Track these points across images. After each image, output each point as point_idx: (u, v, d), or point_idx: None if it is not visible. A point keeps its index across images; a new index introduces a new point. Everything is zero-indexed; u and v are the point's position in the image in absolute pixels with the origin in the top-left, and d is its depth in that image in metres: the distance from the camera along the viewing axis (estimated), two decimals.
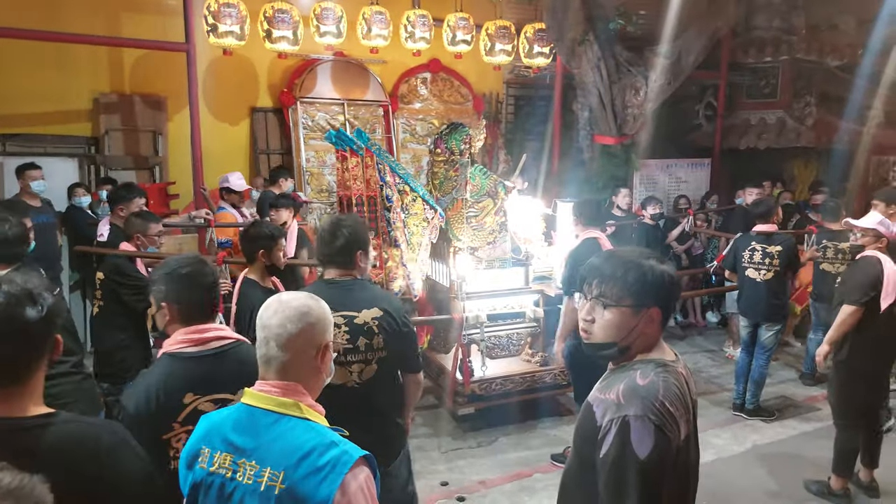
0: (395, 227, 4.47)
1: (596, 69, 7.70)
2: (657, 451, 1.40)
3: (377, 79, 8.17)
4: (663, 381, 1.48)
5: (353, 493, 1.33)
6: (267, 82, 7.83)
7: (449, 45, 7.55)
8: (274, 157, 7.90)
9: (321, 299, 1.56)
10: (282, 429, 1.39)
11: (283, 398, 1.43)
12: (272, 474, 1.34)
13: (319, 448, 1.35)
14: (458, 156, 4.59)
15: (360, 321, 2.37)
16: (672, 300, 1.62)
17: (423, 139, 8.41)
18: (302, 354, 1.47)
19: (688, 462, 1.53)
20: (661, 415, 1.42)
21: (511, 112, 9.28)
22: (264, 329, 1.46)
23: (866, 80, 8.79)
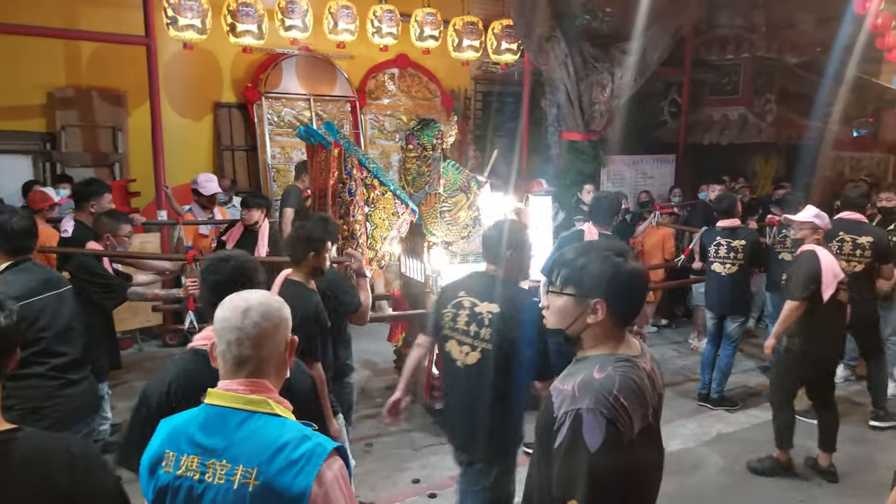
0: (354, 221, 4.43)
1: (563, 66, 7.74)
2: (608, 445, 1.42)
3: (344, 74, 8.08)
4: (620, 375, 1.50)
5: (329, 483, 1.34)
6: (231, 77, 7.67)
7: (417, 41, 7.51)
8: (238, 153, 7.75)
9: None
10: (253, 426, 1.39)
11: (252, 395, 1.42)
12: (245, 472, 1.34)
13: (293, 442, 1.36)
14: (431, 151, 4.55)
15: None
16: (623, 296, 1.58)
17: (392, 135, 8.35)
18: (275, 351, 1.47)
19: (646, 455, 1.54)
20: (614, 409, 1.44)
21: (479, 108, 9.28)
22: (236, 331, 1.43)
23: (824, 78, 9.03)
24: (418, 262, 4.81)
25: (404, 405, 2.76)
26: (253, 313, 1.44)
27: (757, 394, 5.53)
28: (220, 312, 1.47)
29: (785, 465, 4.14)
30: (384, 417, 2.80)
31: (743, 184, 8.52)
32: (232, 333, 1.43)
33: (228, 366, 1.45)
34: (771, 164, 9.82)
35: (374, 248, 4.52)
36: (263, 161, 7.50)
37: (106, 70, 6.95)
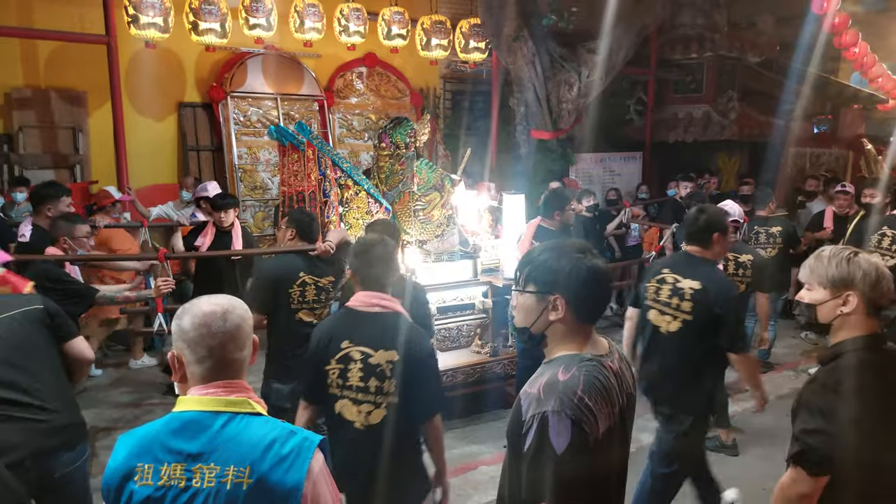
0: (329, 221, 4.39)
1: (531, 65, 7.79)
2: (573, 446, 1.42)
3: (311, 73, 7.99)
4: (585, 375, 1.49)
5: (316, 475, 1.39)
6: (195, 76, 7.51)
7: (384, 40, 7.47)
8: (204, 153, 7.60)
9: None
10: (238, 426, 1.39)
11: (232, 397, 1.42)
12: (237, 471, 1.34)
13: (281, 438, 1.38)
14: (404, 149, 4.52)
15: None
16: (582, 292, 1.56)
17: (361, 134, 8.29)
18: (250, 350, 1.50)
19: (611, 454, 1.54)
20: (579, 409, 1.44)
21: (449, 107, 9.28)
22: (219, 335, 1.41)
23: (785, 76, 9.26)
24: None
25: None
26: (232, 317, 1.44)
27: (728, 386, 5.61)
28: (189, 321, 1.42)
29: (729, 442, 4.33)
30: None
31: (707, 180, 8.68)
32: (214, 339, 1.41)
33: (205, 373, 1.42)
34: (734, 160, 10.03)
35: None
36: (230, 161, 7.36)
37: (65, 70, 6.74)
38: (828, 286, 1.85)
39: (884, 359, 1.82)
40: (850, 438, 1.70)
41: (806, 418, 1.77)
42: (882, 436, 1.72)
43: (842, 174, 10.84)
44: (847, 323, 1.83)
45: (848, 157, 11.86)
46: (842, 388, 1.75)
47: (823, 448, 1.72)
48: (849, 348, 1.81)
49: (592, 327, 1.63)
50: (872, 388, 1.74)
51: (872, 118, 12.88)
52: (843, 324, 1.84)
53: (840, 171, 11.13)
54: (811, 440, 1.75)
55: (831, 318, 1.86)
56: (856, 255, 1.83)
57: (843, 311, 1.82)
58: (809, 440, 1.75)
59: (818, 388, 1.81)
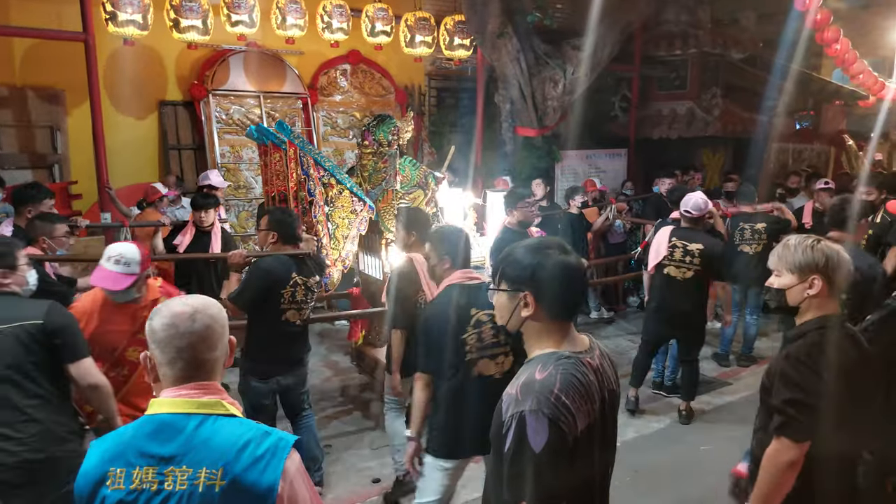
0: (317, 221, 4.35)
1: (516, 62, 7.77)
2: (551, 445, 1.43)
3: (294, 70, 7.92)
4: (562, 373, 1.50)
5: (293, 475, 1.38)
6: (175, 74, 7.41)
7: (368, 37, 7.41)
8: (185, 152, 7.51)
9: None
10: (211, 428, 1.38)
11: (205, 399, 1.41)
12: (209, 473, 1.34)
13: (256, 439, 1.38)
14: (387, 147, 4.49)
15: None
16: (551, 288, 1.56)
17: (345, 132, 8.24)
18: (223, 353, 1.48)
19: (592, 451, 1.54)
20: (556, 408, 1.45)
21: (434, 104, 9.24)
22: (187, 336, 1.40)
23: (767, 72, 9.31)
24: (376, 259, 4.75)
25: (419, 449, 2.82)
26: (201, 316, 1.43)
27: (710, 381, 5.65)
28: (159, 321, 1.42)
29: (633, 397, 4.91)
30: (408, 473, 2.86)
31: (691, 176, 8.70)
32: (182, 339, 1.40)
33: (177, 374, 1.42)
34: (718, 157, 10.08)
35: (337, 248, 4.44)
36: (212, 160, 7.27)
37: (42, 68, 6.62)
38: (795, 272, 2.01)
39: (843, 335, 1.97)
40: (823, 406, 1.87)
41: (784, 391, 1.94)
42: (846, 402, 1.90)
43: (824, 170, 10.94)
44: (813, 304, 1.99)
45: (830, 152, 11.97)
46: (812, 361, 1.93)
47: (803, 416, 1.89)
48: (814, 326, 1.98)
49: (569, 324, 1.63)
50: (837, 360, 1.91)
51: (854, 114, 13.02)
52: (809, 305, 2.00)
53: (822, 166, 11.24)
54: (792, 410, 1.91)
55: (799, 300, 2.02)
56: (819, 243, 2.00)
57: (809, 293, 1.98)
58: (791, 410, 1.91)
59: (792, 362, 1.97)
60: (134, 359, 2.89)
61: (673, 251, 4.59)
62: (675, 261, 4.61)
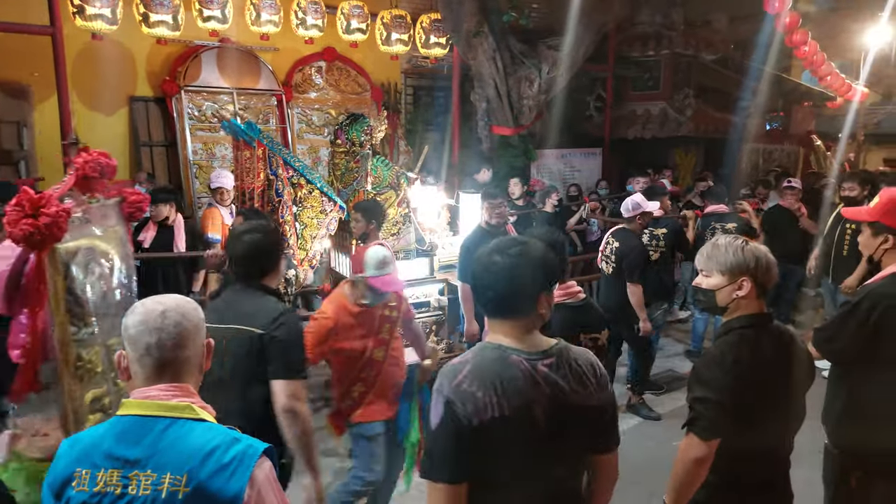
0: (284, 222, 4.33)
1: (492, 61, 7.79)
2: (443, 426, 1.49)
3: (269, 67, 7.83)
4: (477, 360, 1.53)
5: (261, 484, 1.35)
6: (146, 70, 7.29)
7: (344, 34, 7.37)
8: (157, 149, 7.39)
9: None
10: (178, 432, 1.36)
11: (174, 401, 1.39)
12: (173, 479, 1.31)
13: (223, 445, 1.35)
14: (360, 147, 4.47)
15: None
16: (479, 287, 1.60)
17: (320, 129, 8.17)
18: (195, 354, 1.46)
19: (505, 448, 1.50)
20: (455, 391, 1.49)
21: (410, 102, 9.21)
22: (155, 332, 1.39)
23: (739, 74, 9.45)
24: (347, 258, 4.73)
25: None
26: (172, 314, 1.41)
27: (682, 378, 5.73)
28: (131, 318, 1.42)
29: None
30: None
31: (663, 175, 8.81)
32: (151, 336, 1.39)
33: (147, 372, 1.40)
34: (690, 156, 10.23)
35: (304, 248, 4.41)
36: (184, 157, 7.17)
37: (7, 62, 6.44)
38: (726, 272, 1.99)
39: (766, 334, 1.98)
40: (732, 405, 1.89)
41: (695, 388, 1.98)
42: (758, 401, 1.92)
43: (793, 170, 11.16)
44: (740, 305, 1.99)
45: (799, 153, 12.21)
46: (725, 360, 1.94)
47: (710, 414, 1.91)
48: (735, 326, 2.00)
49: (513, 321, 1.58)
50: (751, 359, 1.93)
51: (822, 115, 13.30)
52: (737, 306, 2.00)
53: (791, 166, 11.46)
54: (699, 407, 1.95)
55: (728, 301, 2.01)
56: (748, 244, 2.00)
57: (738, 294, 1.98)
58: (698, 407, 1.95)
59: (706, 361, 2.02)
60: (378, 358, 3.13)
61: (606, 247, 4.83)
62: (605, 256, 4.83)
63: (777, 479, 2.05)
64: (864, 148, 15.54)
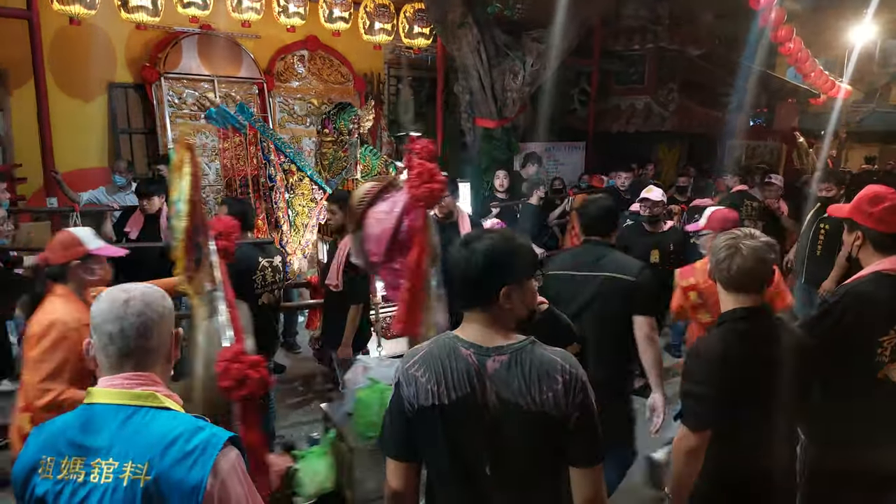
0: (277, 208, 4.31)
1: (476, 52, 7.75)
2: (392, 406, 1.62)
3: (250, 55, 7.76)
4: (430, 348, 1.60)
5: (226, 472, 1.34)
6: (126, 56, 7.19)
7: (326, 22, 7.31)
8: (136, 136, 7.31)
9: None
10: (141, 421, 1.36)
11: (138, 390, 1.39)
12: (135, 468, 1.31)
13: (186, 434, 1.34)
14: (347, 136, 4.45)
15: None
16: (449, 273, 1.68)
17: (303, 119, 8.12)
18: (161, 344, 1.45)
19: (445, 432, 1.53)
20: (404, 375, 1.59)
21: (393, 93, 9.16)
22: (118, 321, 1.39)
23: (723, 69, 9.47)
24: None
25: None
26: (135, 303, 1.41)
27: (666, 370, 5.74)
28: (97, 306, 1.42)
29: None
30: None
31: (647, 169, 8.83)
32: (114, 324, 1.39)
33: (111, 361, 1.40)
34: (673, 151, 10.25)
35: (297, 236, 4.40)
36: (164, 145, 7.09)
37: None
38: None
39: (759, 327, 2.03)
40: (720, 397, 1.95)
41: (685, 381, 2.05)
42: (748, 393, 1.96)
43: (776, 166, 11.22)
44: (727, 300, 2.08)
45: (782, 149, 12.28)
46: (713, 353, 1.99)
47: (698, 407, 1.98)
48: (727, 318, 2.05)
49: (474, 314, 1.57)
50: (741, 352, 1.97)
51: (806, 112, 13.38)
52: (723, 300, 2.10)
53: (774, 162, 11.52)
54: (688, 400, 2.02)
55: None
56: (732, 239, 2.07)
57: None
58: (687, 401, 2.02)
59: (692, 354, 2.08)
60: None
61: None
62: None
63: (774, 470, 2.05)
64: (847, 146, 15.67)
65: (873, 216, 2.27)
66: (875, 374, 2.23)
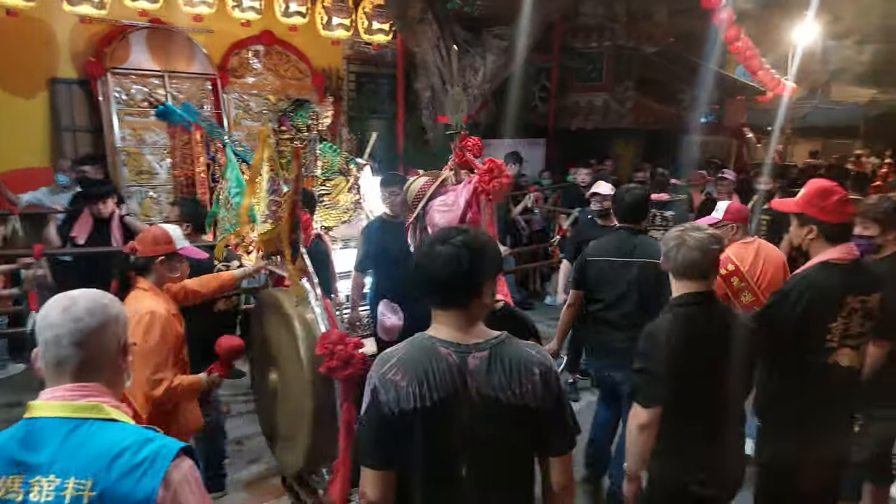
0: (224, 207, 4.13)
1: (436, 49, 7.67)
2: (368, 411, 1.55)
3: (203, 50, 7.45)
4: (407, 349, 1.56)
5: (178, 483, 1.29)
6: (69, 50, 6.79)
7: (282, 17, 7.10)
8: (81, 134, 6.92)
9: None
10: (85, 434, 1.30)
11: (82, 402, 1.33)
12: (78, 484, 1.25)
13: (134, 446, 1.29)
14: (306, 132, 4.29)
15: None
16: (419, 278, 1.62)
17: (259, 116, 7.86)
18: (103, 353, 1.37)
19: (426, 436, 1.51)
20: (381, 379, 1.53)
21: (353, 89, 8.98)
22: (53, 327, 1.33)
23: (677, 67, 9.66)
24: None
25: None
26: (75, 309, 1.35)
27: None
28: (41, 312, 1.38)
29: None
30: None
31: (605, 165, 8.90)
32: (50, 331, 1.34)
33: (50, 370, 1.35)
34: (631, 147, 10.41)
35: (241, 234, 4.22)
36: (111, 143, 6.74)
37: None
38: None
39: (707, 311, 2.18)
40: (669, 375, 2.09)
41: (637, 360, 2.20)
42: (695, 372, 2.11)
43: (727, 161, 11.54)
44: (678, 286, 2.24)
45: (732, 145, 12.65)
46: (662, 334, 2.15)
47: (647, 384, 2.14)
48: (676, 303, 2.21)
49: (449, 312, 1.56)
50: (688, 334, 2.12)
51: (754, 108, 13.82)
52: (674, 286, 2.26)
53: (725, 158, 11.84)
54: (639, 378, 2.18)
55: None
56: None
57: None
58: (638, 378, 2.18)
59: (644, 335, 2.21)
60: None
61: None
62: None
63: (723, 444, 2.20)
64: (792, 141, 16.29)
65: (826, 209, 2.36)
66: (826, 360, 2.34)
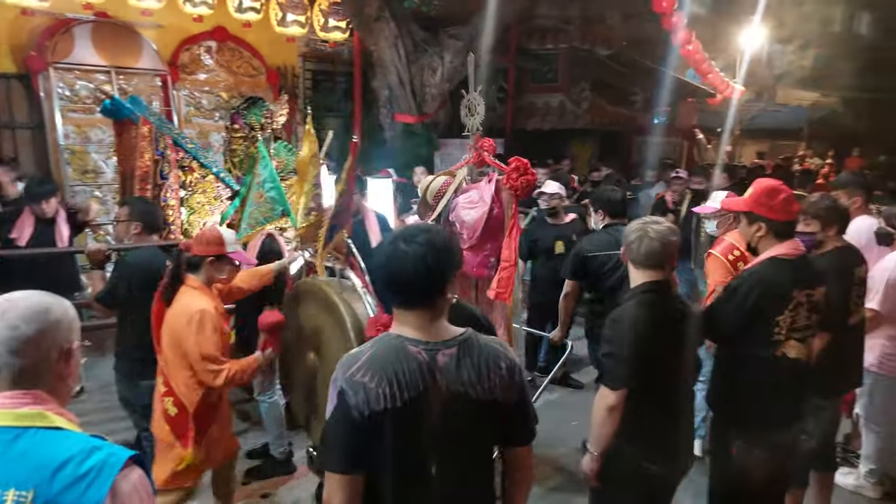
0: (167, 206, 4.02)
1: (394, 47, 7.62)
2: (335, 414, 1.50)
3: (152, 45, 7.21)
4: (374, 350, 1.52)
5: (126, 494, 1.23)
6: (8, 43, 6.48)
7: (236, 13, 6.93)
8: (21, 132, 6.62)
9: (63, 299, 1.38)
10: (26, 443, 1.23)
11: (23, 409, 1.26)
12: (18, 496, 1.18)
13: (79, 455, 1.22)
14: (259, 131, 4.19)
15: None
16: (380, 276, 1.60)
17: (211, 113, 7.66)
18: (42, 360, 1.29)
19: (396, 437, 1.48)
20: (349, 381, 1.48)
21: (309, 87, 8.84)
22: None
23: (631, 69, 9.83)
24: None
25: None
26: (10, 315, 1.27)
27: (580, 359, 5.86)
28: None
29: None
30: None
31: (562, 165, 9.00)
32: None
33: None
34: (586, 147, 10.56)
35: (189, 234, 4.10)
36: (53, 141, 6.46)
37: None
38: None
39: (663, 299, 2.29)
40: (633, 358, 2.17)
41: (603, 345, 2.27)
42: (655, 354, 2.19)
43: (679, 161, 11.81)
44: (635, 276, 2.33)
45: (683, 145, 12.95)
46: (626, 319, 2.23)
47: (614, 367, 2.20)
48: (637, 291, 2.29)
49: (417, 311, 1.54)
50: (649, 318, 2.21)
51: (704, 111, 14.19)
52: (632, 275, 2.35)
53: (677, 158, 12.13)
54: (606, 361, 2.25)
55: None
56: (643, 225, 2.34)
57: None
58: (606, 362, 2.24)
59: (612, 321, 2.28)
60: None
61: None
62: None
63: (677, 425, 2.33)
64: (741, 142, 16.82)
65: (774, 208, 2.42)
66: (774, 352, 2.40)
